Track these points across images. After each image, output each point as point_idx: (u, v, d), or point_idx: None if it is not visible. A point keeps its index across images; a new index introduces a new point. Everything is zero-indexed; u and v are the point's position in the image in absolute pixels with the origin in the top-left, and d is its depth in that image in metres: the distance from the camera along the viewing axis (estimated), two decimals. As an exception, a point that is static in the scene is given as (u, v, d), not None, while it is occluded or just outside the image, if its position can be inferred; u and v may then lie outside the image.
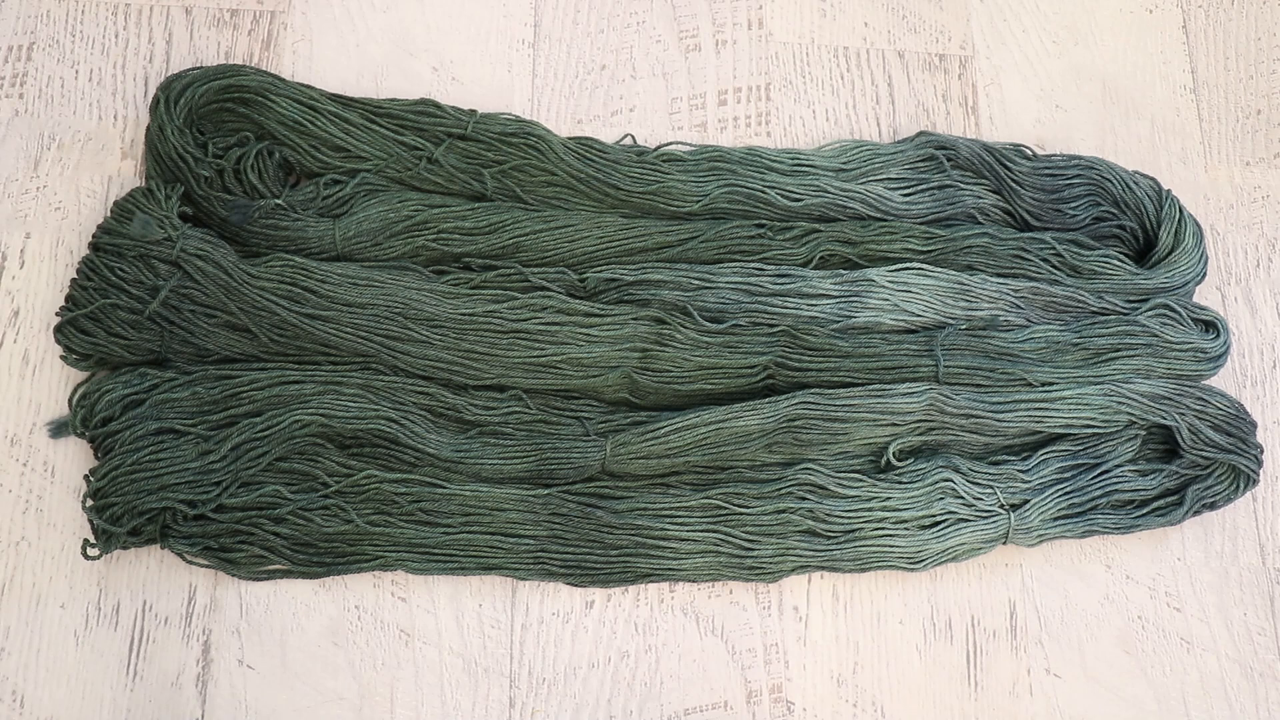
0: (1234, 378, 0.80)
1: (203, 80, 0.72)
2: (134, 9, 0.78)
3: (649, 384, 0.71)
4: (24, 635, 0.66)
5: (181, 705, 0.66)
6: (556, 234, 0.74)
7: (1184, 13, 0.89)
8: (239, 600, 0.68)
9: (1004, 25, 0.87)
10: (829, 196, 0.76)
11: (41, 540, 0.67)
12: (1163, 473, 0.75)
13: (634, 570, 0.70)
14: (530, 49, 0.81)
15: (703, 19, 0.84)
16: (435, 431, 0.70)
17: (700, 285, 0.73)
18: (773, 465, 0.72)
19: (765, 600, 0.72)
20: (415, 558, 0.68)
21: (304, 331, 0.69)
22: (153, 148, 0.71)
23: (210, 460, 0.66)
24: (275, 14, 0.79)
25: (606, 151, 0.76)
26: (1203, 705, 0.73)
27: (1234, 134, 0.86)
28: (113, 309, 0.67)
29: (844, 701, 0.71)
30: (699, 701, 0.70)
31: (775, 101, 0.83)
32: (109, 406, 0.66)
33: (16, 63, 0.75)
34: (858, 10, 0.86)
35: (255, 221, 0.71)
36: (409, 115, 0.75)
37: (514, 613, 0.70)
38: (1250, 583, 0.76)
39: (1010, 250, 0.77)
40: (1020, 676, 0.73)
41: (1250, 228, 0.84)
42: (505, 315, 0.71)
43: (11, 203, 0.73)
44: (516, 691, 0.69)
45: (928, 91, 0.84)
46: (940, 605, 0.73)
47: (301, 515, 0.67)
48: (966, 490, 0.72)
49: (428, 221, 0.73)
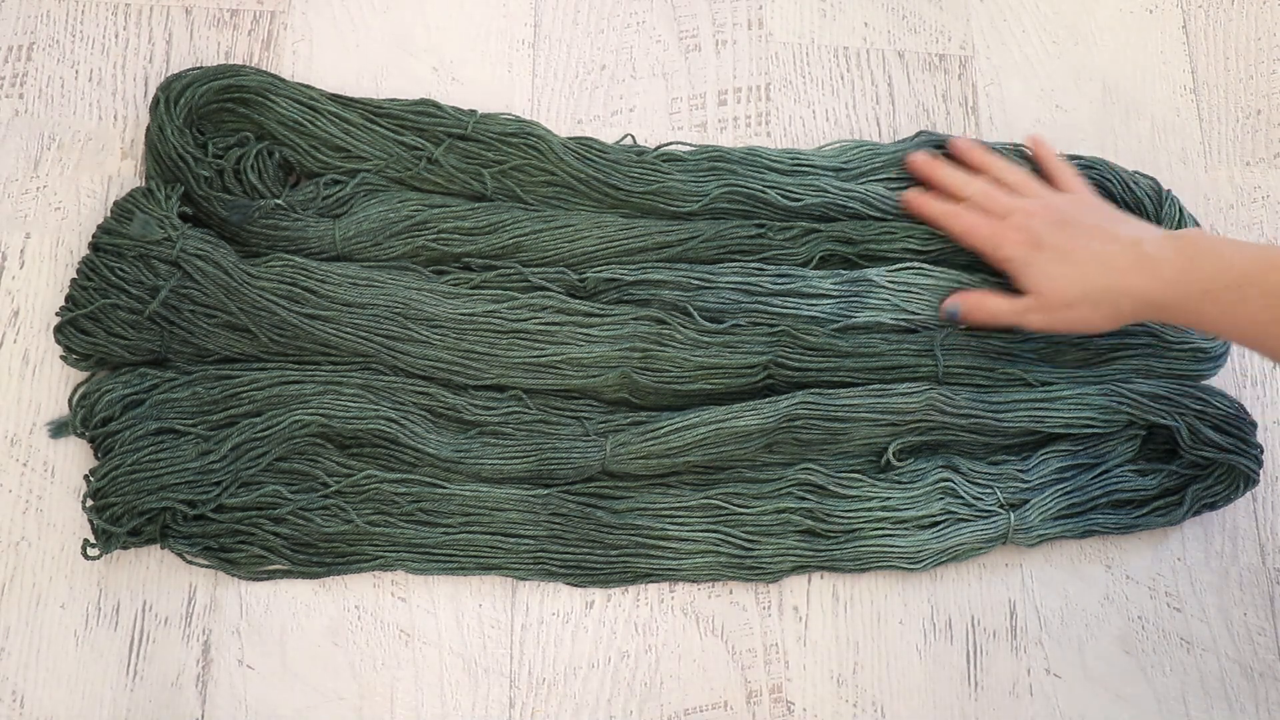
0: (1234, 378, 0.80)
1: (203, 80, 0.72)
2: (134, 9, 0.78)
3: (649, 384, 0.71)
4: (24, 635, 0.66)
5: (181, 705, 0.66)
6: (556, 234, 0.74)
7: (1184, 13, 0.89)
8: (239, 600, 0.68)
9: (1004, 25, 0.87)
10: (829, 196, 0.76)
11: (41, 540, 0.67)
12: (1163, 473, 0.75)
13: (634, 570, 0.70)
14: (530, 49, 0.81)
15: (703, 19, 0.84)
16: (435, 431, 0.70)
17: (700, 285, 0.73)
18: (773, 465, 0.72)
19: (765, 600, 0.72)
20: (415, 558, 0.68)
21: (304, 331, 0.69)
22: (153, 148, 0.71)
23: (210, 460, 0.66)
24: (275, 14, 0.79)
25: (606, 151, 0.76)
26: (1203, 705, 0.73)
27: (1234, 134, 0.86)
28: (113, 309, 0.67)
29: (844, 701, 0.71)
30: (699, 701, 0.70)
31: (775, 101, 0.83)
32: (109, 406, 0.67)
33: (16, 63, 0.75)
34: (858, 10, 0.86)
35: (255, 221, 0.71)
36: (409, 115, 0.75)
37: (514, 613, 0.70)
38: (1250, 583, 0.76)
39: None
40: (1020, 676, 0.73)
41: (1250, 228, 0.84)
42: (505, 315, 0.71)
43: (11, 203, 0.73)
44: (516, 691, 0.69)
45: (928, 91, 0.84)
46: (940, 605, 0.73)
47: (301, 515, 0.67)
48: (966, 490, 0.72)
49: (428, 221, 0.73)
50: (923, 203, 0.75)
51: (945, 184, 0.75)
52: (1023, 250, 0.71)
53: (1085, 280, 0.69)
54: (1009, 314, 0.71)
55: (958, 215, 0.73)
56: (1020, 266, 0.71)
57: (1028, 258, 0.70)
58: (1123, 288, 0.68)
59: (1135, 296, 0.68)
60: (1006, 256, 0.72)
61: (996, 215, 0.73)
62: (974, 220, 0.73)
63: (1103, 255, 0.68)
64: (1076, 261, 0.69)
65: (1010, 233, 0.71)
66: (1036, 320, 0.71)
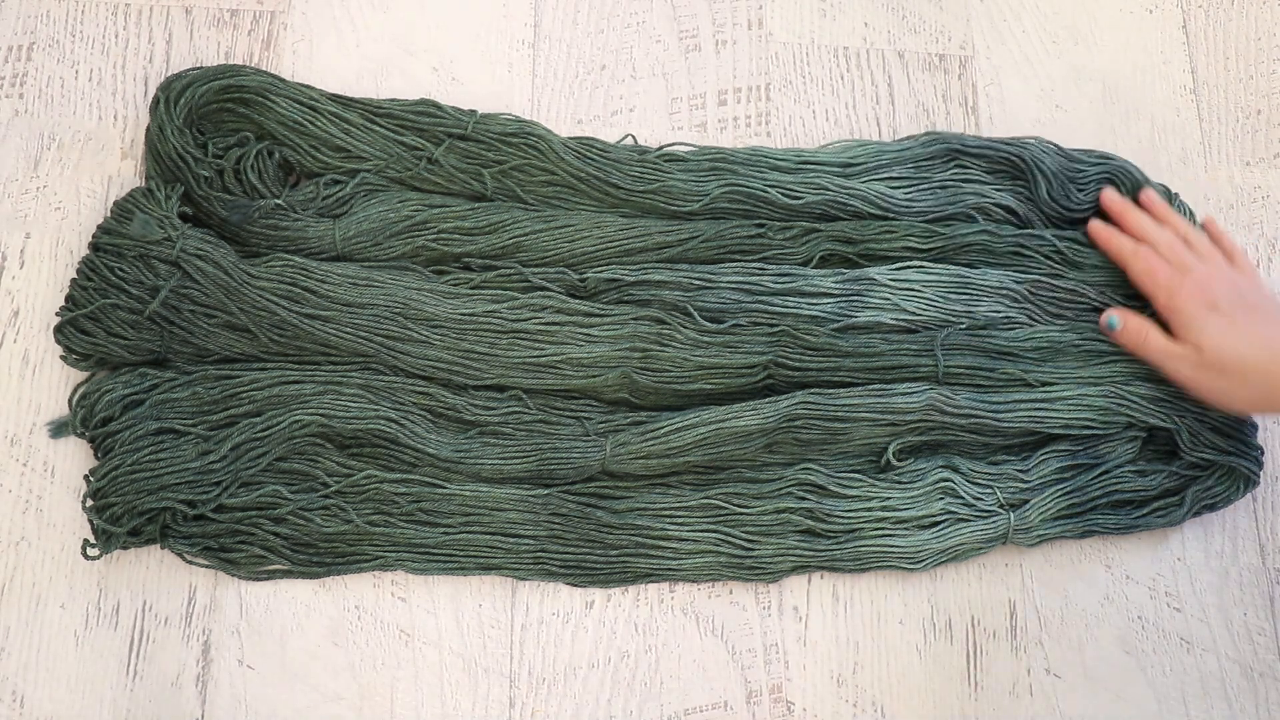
0: (1234, 378, 0.80)
1: (203, 80, 0.72)
2: (134, 9, 0.78)
3: (649, 384, 0.71)
4: (24, 635, 0.66)
5: (181, 705, 0.66)
6: (556, 234, 0.74)
7: (1184, 13, 0.89)
8: (239, 600, 0.68)
9: (1004, 25, 0.87)
10: (830, 194, 0.76)
11: (41, 540, 0.67)
12: (1163, 473, 0.75)
13: (634, 570, 0.70)
14: (530, 49, 0.81)
15: (703, 19, 0.84)
16: (435, 431, 0.70)
17: (701, 285, 0.73)
18: (773, 465, 0.72)
19: (765, 600, 0.72)
20: (415, 558, 0.68)
21: (304, 331, 0.69)
22: (153, 148, 0.71)
23: (210, 460, 0.66)
24: (275, 14, 0.79)
25: (607, 151, 0.76)
26: (1203, 705, 0.73)
27: (1234, 134, 0.86)
28: (113, 309, 0.67)
29: (844, 701, 0.71)
30: (699, 701, 0.70)
31: (775, 101, 0.83)
32: (109, 406, 0.67)
33: (16, 63, 0.75)
34: (858, 10, 0.86)
35: (255, 221, 0.71)
36: (409, 115, 0.75)
37: (514, 613, 0.70)
38: (1250, 583, 0.76)
39: (1009, 246, 0.77)
40: (1020, 676, 0.73)
41: (1250, 228, 0.84)
42: (505, 315, 0.71)
43: (11, 203, 0.73)
44: (516, 691, 0.69)
45: (928, 91, 0.84)
46: (940, 605, 0.73)
47: (301, 515, 0.67)
48: (966, 490, 0.72)
49: (428, 221, 0.73)
50: (1110, 235, 0.77)
51: (1135, 225, 0.77)
52: (1196, 306, 0.73)
53: (1247, 354, 0.70)
54: (1162, 352, 0.73)
55: (1142, 255, 0.76)
56: (1189, 319, 0.72)
57: (1199, 314, 0.72)
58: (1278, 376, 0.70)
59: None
60: (1179, 307, 0.73)
61: (1177, 266, 0.75)
62: (1157, 264, 0.75)
63: (1270, 340, 0.71)
64: (1244, 335, 0.71)
65: (1189, 286, 0.73)
66: (1186, 372, 0.72)
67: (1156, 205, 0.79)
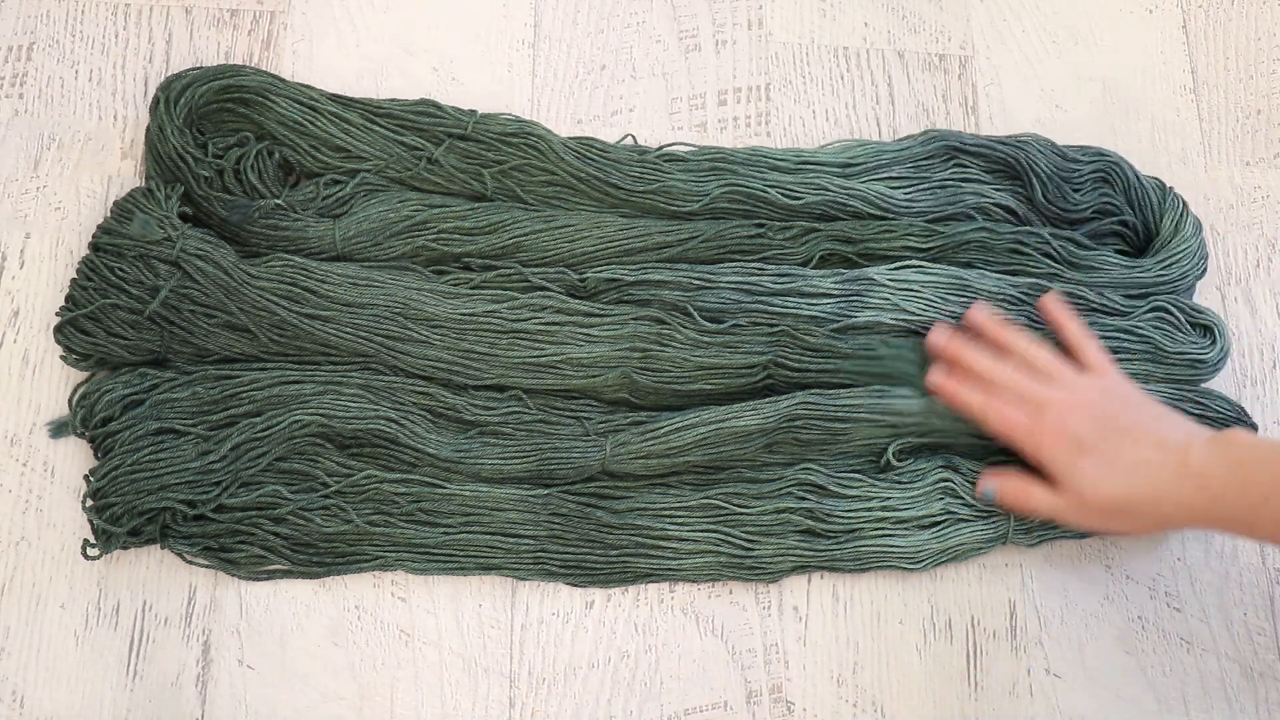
0: (1234, 378, 0.80)
1: (203, 80, 0.72)
2: (134, 9, 0.78)
3: (649, 384, 0.71)
4: (24, 635, 0.66)
5: (181, 705, 0.66)
6: (556, 234, 0.74)
7: (1184, 13, 0.89)
8: (239, 600, 0.68)
9: (1004, 25, 0.87)
10: (830, 194, 0.76)
11: (41, 540, 0.67)
12: (1163, 473, 0.75)
13: (634, 570, 0.70)
14: (530, 49, 0.81)
15: (703, 19, 0.84)
16: (435, 431, 0.70)
17: (701, 285, 0.73)
18: (773, 465, 0.72)
19: (765, 600, 0.72)
20: (415, 558, 0.68)
21: (304, 331, 0.69)
22: (153, 148, 0.71)
23: (210, 460, 0.66)
24: (275, 14, 0.79)
25: (607, 151, 0.76)
26: (1203, 705, 0.73)
27: (1234, 134, 0.86)
28: (113, 309, 0.67)
29: (844, 701, 0.71)
30: (699, 701, 0.70)
31: (775, 101, 0.83)
32: (109, 406, 0.67)
33: (16, 63, 0.76)
34: (858, 10, 0.86)
35: (255, 221, 0.71)
36: (409, 115, 0.75)
37: (514, 613, 0.70)
38: (1250, 583, 0.76)
39: (1007, 245, 0.77)
40: (1020, 676, 0.73)
41: (1250, 228, 0.84)
42: (505, 315, 0.71)
43: (11, 203, 0.73)
44: (516, 691, 0.69)
45: (928, 91, 0.84)
46: (940, 605, 0.73)
47: (301, 515, 0.67)
48: (966, 490, 0.72)
49: (428, 221, 0.73)
50: (955, 392, 0.71)
51: (973, 369, 0.71)
52: (1063, 453, 0.68)
53: (1130, 490, 0.67)
54: (1048, 508, 0.69)
55: (993, 410, 0.70)
56: (1062, 469, 0.68)
57: (1068, 460, 0.68)
58: (1171, 501, 0.66)
59: (1184, 509, 0.66)
60: (1046, 458, 0.69)
61: (1030, 406, 0.70)
62: (1011, 418, 0.69)
63: (1146, 467, 0.66)
64: (1120, 469, 0.67)
65: (1049, 434, 0.69)
66: (1074, 521, 0.70)
67: (988, 328, 0.72)
